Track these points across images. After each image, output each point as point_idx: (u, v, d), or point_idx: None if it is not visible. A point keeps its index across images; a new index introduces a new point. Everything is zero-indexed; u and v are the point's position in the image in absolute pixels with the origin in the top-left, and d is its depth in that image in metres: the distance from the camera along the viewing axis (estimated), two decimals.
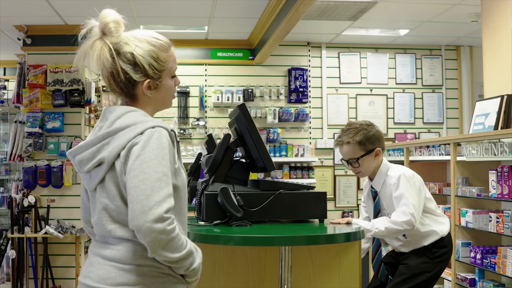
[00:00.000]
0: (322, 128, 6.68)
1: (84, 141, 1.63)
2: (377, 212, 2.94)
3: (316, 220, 2.48)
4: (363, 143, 2.82)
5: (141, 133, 1.55)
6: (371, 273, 3.70)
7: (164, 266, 1.56)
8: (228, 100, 6.41)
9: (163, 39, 1.69)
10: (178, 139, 1.65)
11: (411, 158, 4.51)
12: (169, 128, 1.60)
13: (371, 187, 2.96)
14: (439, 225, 2.91)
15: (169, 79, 1.70)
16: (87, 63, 1.63)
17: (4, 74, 7.59)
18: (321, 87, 6.72)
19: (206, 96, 6.51)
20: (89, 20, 1.63)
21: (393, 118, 6.86)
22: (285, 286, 2.11)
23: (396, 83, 6.89)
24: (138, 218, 1.47)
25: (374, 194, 2.94)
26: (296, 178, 6.36)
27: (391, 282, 2.93)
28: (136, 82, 1.64)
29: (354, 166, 2.86)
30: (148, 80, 1.64)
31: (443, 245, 2.90)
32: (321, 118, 6.70)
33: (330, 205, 6.50)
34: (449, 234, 2.96)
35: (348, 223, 2.51)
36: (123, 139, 1.55)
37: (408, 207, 2.69)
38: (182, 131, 6.39)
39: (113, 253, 1.57)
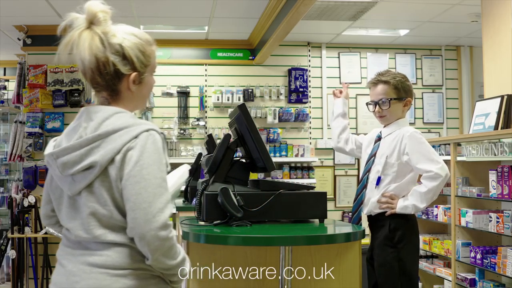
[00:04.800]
0: (322, 128, 6.68)
1: (71, 143, 1.53)
2: (371, 156, 2.93)
3: (316, 220, 2.48)
4: (398, 88, 2.89)
5: (136, 137, 1.50)
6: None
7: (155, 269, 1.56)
8: (228, 100, 6.40)
9: (147, 35, 1.67)
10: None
11: None
12: (159, 130, 1.57)
13: (380, 132, 2.98)
14: None
15: (151, 75, 1.68)
16: (74, 54, 1.56)
17: (4, 74, 7.59)
18: (321, 87, 6.72)
19: (206, 96, 6.50)
20: (71, 14, 1.59)
21: None
22: (285, 286, 2.11)
23: None
24: (142, 226, 1.45)
25: (378, 138, 2.96)
26: (296, 178, 6.35)
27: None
28: (122, 75, 1.59)
29: (383, 107, 2.88)
30: (135, 74, 1.60)
31: (402, 224, 2.80)
32: (321, 118, 6.69)
33: (330, 205, 6.50)
34: (415, 219, 2.88)
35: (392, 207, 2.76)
36: (117, 142, 1.50)
37: (433, 162, 2.71)
38: (182, 131, 6.39)
39: (103, 259, 1.50)
